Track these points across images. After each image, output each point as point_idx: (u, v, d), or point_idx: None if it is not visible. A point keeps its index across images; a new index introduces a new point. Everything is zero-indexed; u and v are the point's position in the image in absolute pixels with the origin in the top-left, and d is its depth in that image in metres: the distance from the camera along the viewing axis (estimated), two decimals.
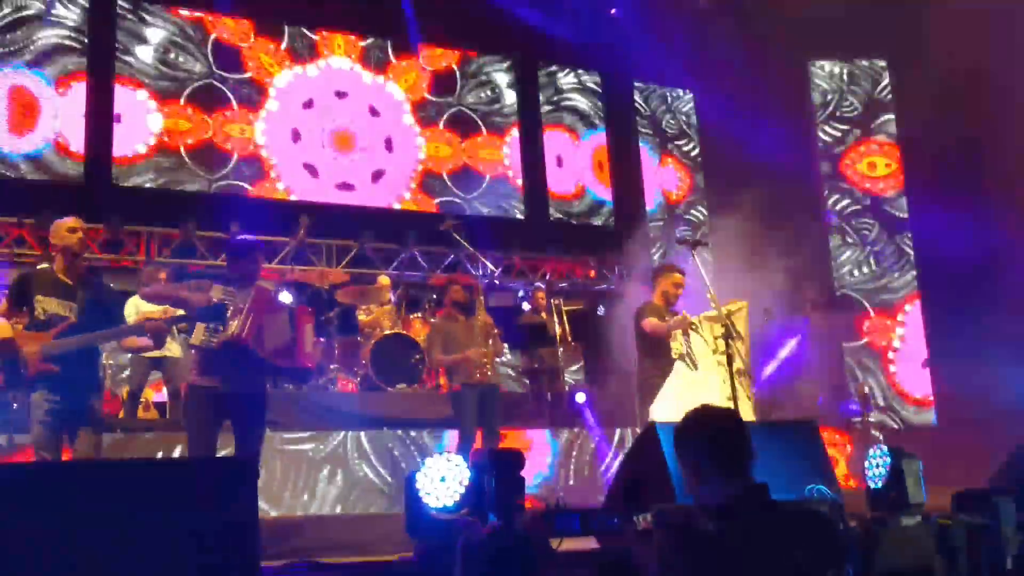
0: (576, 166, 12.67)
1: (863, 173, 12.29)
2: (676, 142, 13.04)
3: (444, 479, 3.69)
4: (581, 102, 12.94)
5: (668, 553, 2.55)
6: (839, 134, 12.54)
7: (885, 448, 4.60)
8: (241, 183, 10.69)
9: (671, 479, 4.26)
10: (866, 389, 11.08)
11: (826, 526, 2.50)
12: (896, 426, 11.54)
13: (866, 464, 4.62)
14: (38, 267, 6.44)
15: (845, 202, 12.29)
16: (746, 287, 7.87)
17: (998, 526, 4.06)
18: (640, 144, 12.78)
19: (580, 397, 9.32)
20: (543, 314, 9.64)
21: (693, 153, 13.07)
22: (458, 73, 12.25)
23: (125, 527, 3.20)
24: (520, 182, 12.23)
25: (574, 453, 8.39)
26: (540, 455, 8.23)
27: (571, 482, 8.22)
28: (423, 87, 11.96)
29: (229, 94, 10.86)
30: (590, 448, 8.41)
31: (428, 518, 3.68)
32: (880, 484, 4.52)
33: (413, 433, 7.73)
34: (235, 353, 5.07)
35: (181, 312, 5.24)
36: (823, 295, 11.19)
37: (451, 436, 7.68)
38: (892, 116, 12.44)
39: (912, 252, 12.04)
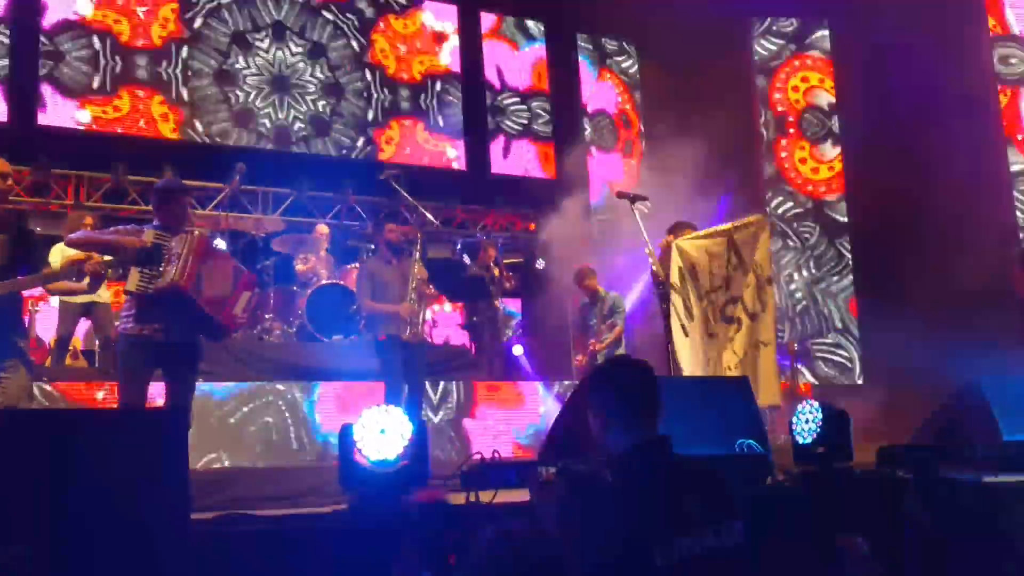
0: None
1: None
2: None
3: (384, 431, 3.68)
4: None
5: (567, 503, 2.57)
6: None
7: (815, 404, 4.68)
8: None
9: None
10: (795, 346, 11.30)
11: (721, 483, 2.55)
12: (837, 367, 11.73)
13: (794, 419, 4.69)
14: None
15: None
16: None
17: (919, 480, 4.19)
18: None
19: (517, 350, 9.37)
20: (495, 268, 9.66)
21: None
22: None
23: (51, 478, 3.14)
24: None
25: None
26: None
27: None
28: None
29: None
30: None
31: (363, 470, 3.67)
32: (809, 439, 4.60)
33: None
34: (172, 300, 4.93)
35: (109, 257, 5.06)
36: None
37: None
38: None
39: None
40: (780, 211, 12.29)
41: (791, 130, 12.39)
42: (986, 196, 10.46)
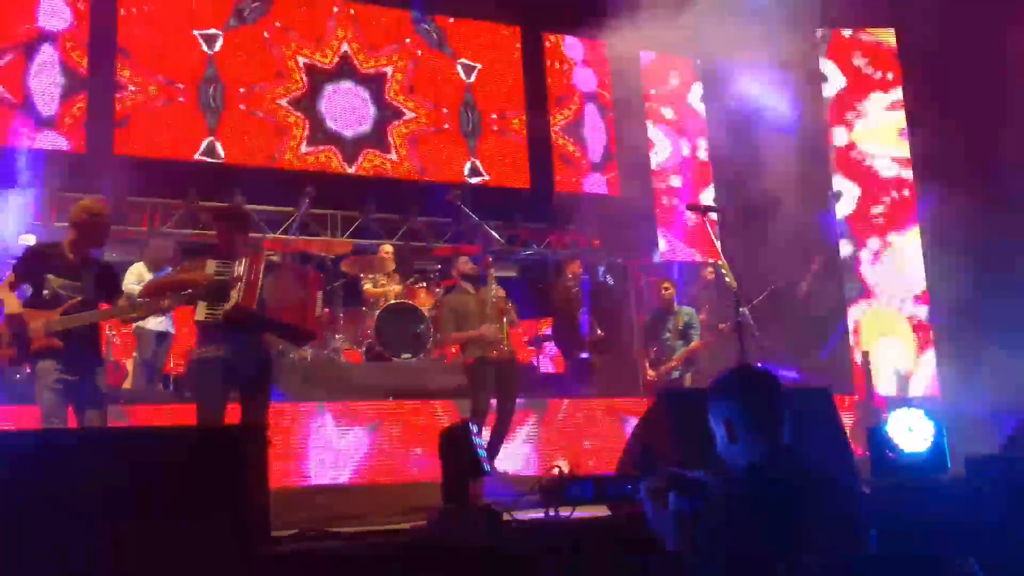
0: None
1: None
2: None
3: None
4: None
5: (686, 515, 2.49)
6: None
7: (922, 412, 4.59)
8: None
9: (680, 447, 4.25)
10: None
11: (849, 493, 2.45)
12: None
13: (888, 428, 4.57)
14: (45, 242, 6.36)
15: None
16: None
17: None
18: None
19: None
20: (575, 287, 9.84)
21: None
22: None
23: (131, 496, 3.17)
24: None
25: None
26: None
27: None
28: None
29: None
30: None
31: None
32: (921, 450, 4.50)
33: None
34: (241, 322, 5.07)
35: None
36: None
37: None
38: None
39: None
40: None
41: None
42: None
